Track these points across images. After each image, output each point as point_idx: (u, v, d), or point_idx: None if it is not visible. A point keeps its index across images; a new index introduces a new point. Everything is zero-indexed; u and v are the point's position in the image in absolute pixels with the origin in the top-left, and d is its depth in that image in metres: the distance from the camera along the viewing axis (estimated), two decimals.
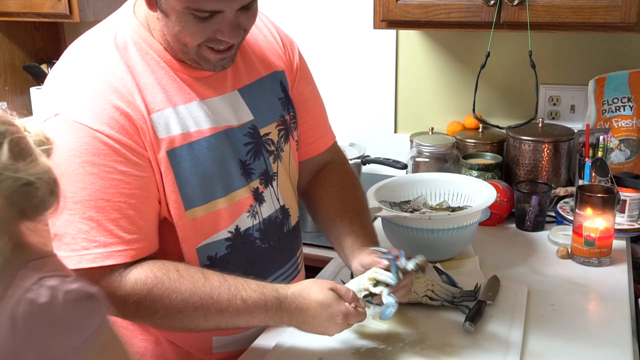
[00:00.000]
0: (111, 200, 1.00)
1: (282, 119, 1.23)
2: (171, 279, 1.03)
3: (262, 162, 1.18)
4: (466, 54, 2.08)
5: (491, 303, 1.26)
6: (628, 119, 1.87)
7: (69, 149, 0.99)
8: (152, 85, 1.05)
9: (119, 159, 1.01)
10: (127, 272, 1.02)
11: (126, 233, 1.02)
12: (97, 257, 1.00)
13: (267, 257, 1.21)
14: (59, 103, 1.02)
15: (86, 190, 0.99)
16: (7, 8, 2.29)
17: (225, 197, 1.12)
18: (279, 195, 1.22)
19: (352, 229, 1.23)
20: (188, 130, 1.07)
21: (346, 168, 1.39)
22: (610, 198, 1.45)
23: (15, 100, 2.61)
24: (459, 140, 1.98)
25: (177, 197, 1.06)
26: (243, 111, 1.16)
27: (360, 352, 1.12)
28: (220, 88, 1.13)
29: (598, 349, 1.14)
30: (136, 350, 1.19)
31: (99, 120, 1.00)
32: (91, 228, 1.00)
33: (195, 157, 1.07)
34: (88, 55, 1.06)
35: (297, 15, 2.26)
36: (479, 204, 1.45)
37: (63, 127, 1.00)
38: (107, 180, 1.00)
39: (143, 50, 1.07)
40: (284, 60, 1.27)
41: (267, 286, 1.07)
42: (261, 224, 1.18)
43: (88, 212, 1.00)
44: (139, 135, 1.02)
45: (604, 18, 1.56)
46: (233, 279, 1.06)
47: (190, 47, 1.04)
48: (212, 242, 1.12)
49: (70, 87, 1.03)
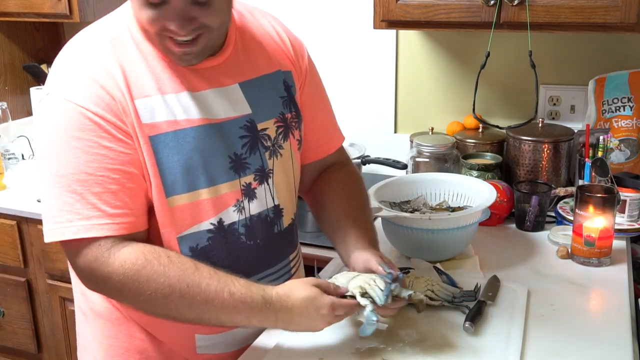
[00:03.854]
0: (94, 174, 1.03)
1: (281, 117, 1.22)
2: (161, 263, 1.04)
3: (258, 157, 1.18)
4: (466, 54, 2.08)
5: (491, 303, 1.26)
6: (628, 119, 1.87)
7: (56, 126, 1.04)
8: (142, 73, 1.08)
9: (104, 134, 1.03)
10: (116, 249, 1.04)
11: (109, 207, 1.04)
12: (79, 229, 1.03)
13: (253, 254, 1.20)
14: (51, 84, 1.07)
15: (71, 164, 1.03)
16: (7, 8, 2.29)
17: (209, 189, 1.12)
18: (274, 193, 1.21)
19: (356, 226, 1.24)
20: (175, 118, 1.08)
21: (351, 168, 1.40)
22: (610, 198, 1.45)
23: (15, 100, 2.61)
24: (459, 140, 1.98)
25: (158, 182, 1.08)
26: (241, 104, 1.16)
27: (360, 352, 1.12)
28: (217, 81, 1.14)
29: (598, 349, 1.14)
30: (120, 345, 1.20)
31: (86, 97, 1.03)
32: (75, 201, 1.03)
33: (179, 145, 1.08)
34: (81, 44, 1.11)
35: (297, 16, 2.26)
36: (479, 204, 1.45)
37: (53, 105, 1.05)
38: (91, 155, 1.03)
39: (138, 40, 1.09)
40: (292, 62, 1.27)
41: (255, 285, 1.08)
42: (247, 220, 1.18)
43: (72, 186, 1.03)
44: (123, 116, 1.05)
45: (604, 18, 1.56)
46: (223, 273, 1.07)
47: (151, 34, 1.06)
48: (193, 232, 1.13)
49: (62, 70, 1.08)
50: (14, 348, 2.34)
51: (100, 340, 1.22)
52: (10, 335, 2.32)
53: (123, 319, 1.20)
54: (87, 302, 1.23)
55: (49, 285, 2.20)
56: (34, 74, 2.59)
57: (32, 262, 2.20)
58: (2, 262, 2.23)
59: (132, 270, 1.03)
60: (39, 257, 2.17)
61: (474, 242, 1.54)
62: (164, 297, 1.04)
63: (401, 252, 1.52)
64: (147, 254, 1.04)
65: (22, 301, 2.25)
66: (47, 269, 2.17)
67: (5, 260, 2.22)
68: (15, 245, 2.17)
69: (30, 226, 2.14)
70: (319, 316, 1.07)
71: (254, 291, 1.06)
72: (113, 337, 1.21)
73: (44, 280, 2.20)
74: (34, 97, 2.44)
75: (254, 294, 1.06)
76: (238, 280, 1.07)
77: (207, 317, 1.06)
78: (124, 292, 1.05)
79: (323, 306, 1.06)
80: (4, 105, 2.34)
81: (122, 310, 1.19)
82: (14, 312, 2.28)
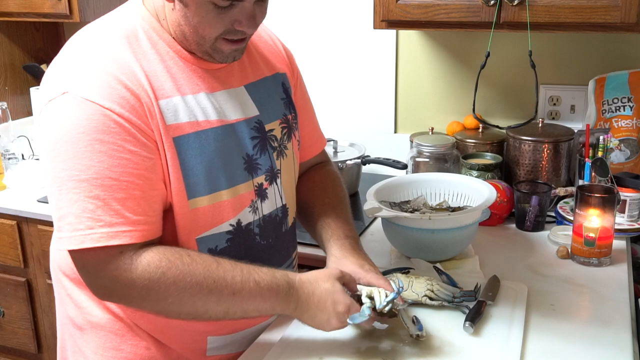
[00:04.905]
0: (119, 179, 0.99)
1: (285, 117, 1.24)
2: (184, 262, 1.02)
3: (268, 157, 1.18)
4: (466, 54, 2.08)
5: (491, 303, 1.26)
6: (628, 119, 1.87)
7: (77, 127, 0.97)
8: (161, 73, 1.06)
9: (129, 138, 0.99)
10: (138, 255, 1.00)
11: (132, 214, 1.00)
12: (102, 236, 0.98)
13: (265, 254, 1.21)
14: (67, 81, 1.00)
15: (93, 169, 0.97)
16: (7, 8, 2.29)
17: (229, 190, 1.11)
18: (282, 193, 1.22)
19: (327, 222, 1.27)
20: (196, 119, 1.07)
21: (328, 167, 1.43)
22: (610, 198, 1.45)
23: (15, 100, 2.61)
24: (459, 140, 1.98)
25: (180, 185, 1.06)
26: (249, 106, 1.17)
27: (360, 352, 1.12)
28: (228, 82, 1.14)
29: (598, 349, 1.14)
30: (125, 356, 1.17)
31: (109, 98, 0.99)
32: (97, 207, 0.98)
33: (202, 147, 1.07)
34: (96, 40, 1.06)
35: (297, 16, 2.26)
36: (479, 204, 1.45)
37: (72, 105, 0.98)
38: (116, 159, 0.98)
39: (153, 40, 1.07)
40: (286, 64, 1.29)
41: (278, 271, 1.09)
42: (261, 220, 1.18)
43: (94, 191, 0.98)
44: (147, 118, 1.02)
45: (604, 18, 1.56)
46: (244, 264, 1.07)
47: (207, 39, 1.04)
48: (213, 234, 1.12)
49: (79, 66, 1.02)
50: (14, 348, 2.34)
51: (102, 354, 1.18)
52: (10, 335, 2.32)
53: (126, 328, 1.17)
54: (83, 315, 1.19)
55: (49, 285, 2.19)
56: (34, 74, 2.59)
57: (32, 262, 2.20)
58: (2, 262, 2.23)
59: (158, 273, 1.00)
60: (39, 257, 2.17)
61: (474, 242, 1.54)
62: (192, 296, 1.02)
63: (401, 252, 1.52)
64: (169, 256, 1.02)
65: (22, 301, 2.25)
66: (47, 269, 2.17)
67: (5, 260, 2.22)
68: (15, 245, 2.17)
69: (30, 226, 2.14)
70: (335, 312, 1.07)
71: (278, 277, 1.07)
72: (116, 349, 1.17)
73: (44, 280, 2.20)
74: (34, 97, 2.43)
75: (278, 280, 1.07)
76: (260, 269, 1.07)
77: (233, 310, 1.06)
78: (150, 296, 1.01)
79: (341, 302, 1.07)
80: (4, 105, 2.34)
81: (126, 319, 1.16)
82: (14, 312, 2.28)
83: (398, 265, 1.44)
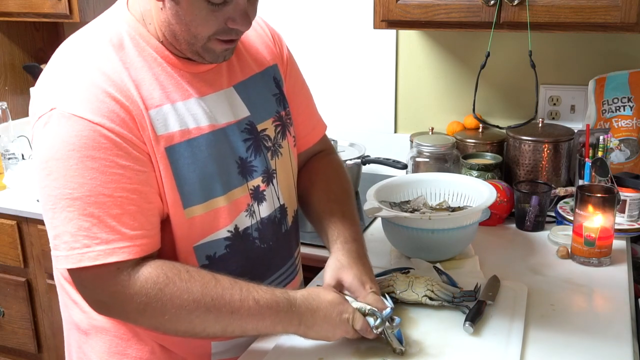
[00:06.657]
0: (112, 195, 0.97)
1: (277, 115, 1.22)
2: (182, 279, 1.01)
3: (263, 158, 1.17)
4: (466, 54, 2.08)
5: (491, 303, 1.26)
6: (628, 119, 1.87)
7: (67, 144, 0.96)
8: (149, 82, 1.03)
9: (120, 153, 0.98)
10: (136, 270, 0.99)
11: (129, 229, 0.99)
12: (99, 254, 0.97)
13: (266, 257, 1.20)
14: (55, 97, 0.98)
15: (86, 186, 0.96)
16: (7, 8, 2.29)
17: (224, 196, 1.10)
18: (279, 193, 1.21)
19: (333, 221, 1.23)
20: (187, 127, 1.05)
21: (331, 157, 1.39)
22: (610, 198, 1.45)
23: (15, 100, 2.61)
24: (459, 140, 1.98)
25: (175, 195, 1.05)
26: (239, 107, 1.15)
27: (360, 352, 1.12)
28: (217, 84, 1.12)
29: (598, 349, 1.14)
30: None
31: (98, 112, 0.97)
32: (92, 225, 0.97)
33: (194, 155, 1.06)
34: (82, 50, 1.04)
35: (297, 16, 2.26)
36: (479, 204, 1.45)
37: (61, 122, 0.96)
38: (108, 175, 0.97)
39: (140, 46, 1.05)
40: (275, 53, 1.26)
41: (278, 290, 1.07)
42: (259, 223, 1.17)
43: (88, 209, 0.96)
44: (138, 130, 1.00)
45: (604, 18, 1.56)
46: (243, 282, 1.05)
47: (199, 38, 1.02)
48: (211, 241, 1.11)
49: (65, 80, 1.00)
50: (14, 348, 2.34)
51: (107, 359, 1.16)
52: (10, 335, 2.32)
53: (131, 333, 1.15)
54: (88, 319, 1.16)
55: (49, 285, 2.19)
56: (34, 74, 2.59)
57: (32, 262, 2.20)
58: (2, 262, 2.23)
59: (155, 289, 0.99)
60: (39, 257, 2.17)
61: (474, 242, 1.54)
62: (188, 313, 1.01)
63: (401, 252, 1.52)
64: (167, 271, 1.01)
65: (22, 301, 2.25)
66: (47, 269, 2.17)
67: (5, 260, 2.22)
68: (15, 245, 2.17)
69: (30, 226, 2.14)
70: (341, 321, 1.07)
71: (278, 295, 1.06)
72: (121, 354, 1.15)
73: (44, 280, 2.20)
74: None
75: (278, 298, 1.05)
76: (260, 287, 1.06)
77: (231, 329, 1.04)
78: (146, 313, 1.00)
79: (346, 311, 1.07)
80: (4, 105, 2.35)
81: (128, 324, 1.15)
82: (14, 312, 2.28)
83: (398, 265, 1.44)
